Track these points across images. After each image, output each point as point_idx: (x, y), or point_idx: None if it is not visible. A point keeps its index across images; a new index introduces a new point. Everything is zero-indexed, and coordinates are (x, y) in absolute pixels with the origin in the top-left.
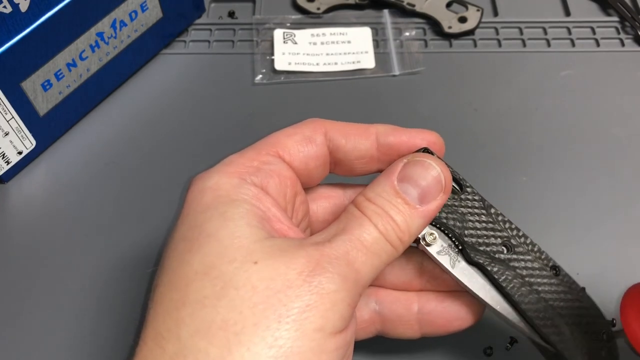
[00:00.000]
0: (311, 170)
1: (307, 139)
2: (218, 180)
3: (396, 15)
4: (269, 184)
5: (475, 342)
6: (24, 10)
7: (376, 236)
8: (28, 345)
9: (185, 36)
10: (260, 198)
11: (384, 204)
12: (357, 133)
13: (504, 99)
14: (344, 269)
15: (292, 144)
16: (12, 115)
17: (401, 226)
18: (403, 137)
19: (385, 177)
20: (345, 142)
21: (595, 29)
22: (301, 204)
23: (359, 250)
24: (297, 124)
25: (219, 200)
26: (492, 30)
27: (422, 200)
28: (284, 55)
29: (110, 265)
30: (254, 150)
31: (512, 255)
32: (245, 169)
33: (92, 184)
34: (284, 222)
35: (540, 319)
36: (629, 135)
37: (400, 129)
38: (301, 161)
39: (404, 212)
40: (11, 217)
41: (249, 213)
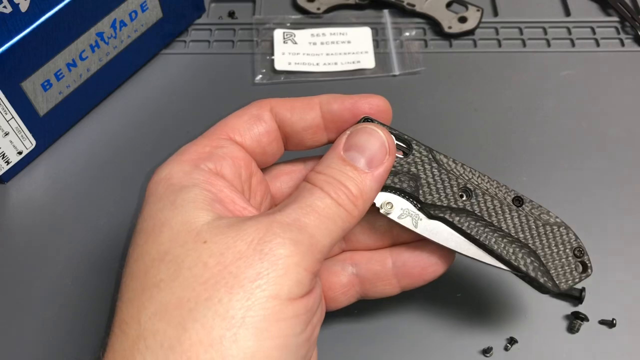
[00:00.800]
0: (265, 147)
1: (255, 118)
2: (171, 169)
3: (396, 15)
4: (222, 167)
5: (475, 342)
6: (24, 10)
7: (328, 202)
8: (28, 344)
9: (185, 36)
10: (212, 181)
11: (334, 173)
12: (302, 105)
13: (504, 99)
14: (296, 233)
15: (241, 125)
16: (12, 115)
17: (353, 191)
18: (346, 103)
19: (332, 150)
20: (291, 115)
21: (595, 29)
22: (259, 184)
23: (310, 215)
24: (245, 107)
25: (171, 189)
26: (492, 30)
27: (370, 164)
28: (284, 55)
29: (110, 265)
30: (205, 137)
31: (472, 199)
32: (197, 155)
33: (91, 184)
34: (239, 202)
35: (508, 254)
36: (629, 135)
37: (344, 96)
38: (253, 139)
39: (355, 178)
40: (11, 217)
41: (198, 197)
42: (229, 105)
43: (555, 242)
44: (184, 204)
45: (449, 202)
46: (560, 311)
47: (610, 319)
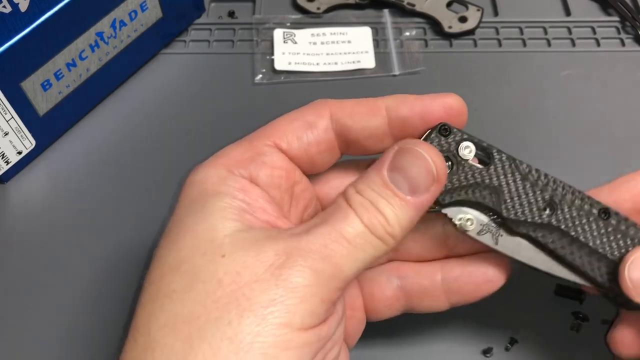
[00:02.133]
0: (313, 156)
1: (309, 125)
2: (207, 173)
3: (396, 15)
4: (259, 176)
5: (475, 342)
6: (23, 10)
7: (360, 230)
8: (28, 344)
9: (185, 36)
10: (246, 190)
11: (372, 195)
12: (365, 111)
13: (504, 99)
14: (318, 262)
15: (291, 132)
16: (12, 115)
17: (390, 220)
18: (416, 108)
19: (374, 168)
20: (353, 122)
21: (596, 29)
22: (302, 192)
23: (339, 243)
24: (302, 108)
25: (203, 193)
26: (492, 30)
27: (413, 191)
28: (284, 55)
29: (110, 265)
30: (251, 140)
31: (557, 213)
32: (235, 161)
33: (91, 184)
34: (272, 212)
35: (594, 271)
36: (629, 135)
37: (412, 98)
38: (300, 148)
39: (394, 205)
40: (11, 217)
41: (229, 205)
42: (229, 105)
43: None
44: (213, 211)
45: (533, 217)
46: (561, 311)
47: (611, 319)
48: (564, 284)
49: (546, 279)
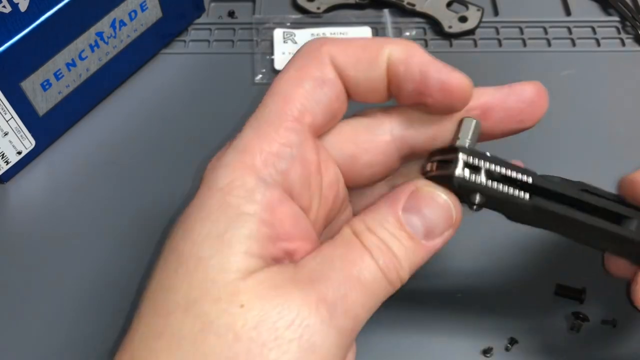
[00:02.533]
0: (335, 112)
1: (320, 82)
2: (232, 178)
3: (396, 14)
4: (290, 180)
5: (475, 342)
6: (23, 10)
7: (377, 275)
8: (27, 344)
9: (185, 36)
10: (273, 208)
11: (387, 237)
12: (368, 57)
13: None
14: (341, 320)
15: (306, 97)
16: (12, 115)
17: (403, 264)
18: (416, 74)
19: (388, 204)
20: (355, 71)
21: (596, 29)
22: (330, 187)
23: (357, 291)
24: (298, 58)
25: (224, 210)
26: (492, 29)
27: (428, 235)
28: (284, 55)
29: (110, 265)
30: (269, 124)
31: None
32: (263, 160)
33: (91, 184)
34: (296, 240)
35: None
36: (629, 135)
37: (417, 58)
38: (326, 114)
39: (408, 249)
40: (10, 217)
41: (252, 235)
42: (229, 105)
43: None
44: (232, 244)
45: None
46: (561, 311)
47: (611, 319)
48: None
49: (547, 279)
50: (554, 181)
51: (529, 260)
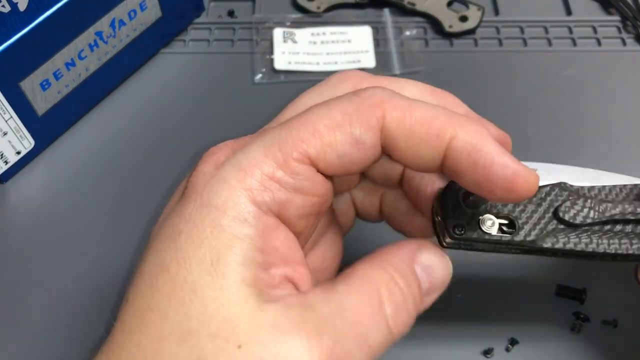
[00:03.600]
0: (351, 173)
1: (354, 141)
2: (227, 199)
3: (397, 14)
4: (287, 209)
5: (475, 342)
6: (22, 9)
7: (385, 335)
8: (26, 344)
9: (184, 35)
10: (268, 234)
11: (404, 286)
12: (425, 137)
13: (504, 98)
14: None
15: (330, 147)
16: (11, 115)
17: (411, 317)
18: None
19: (406, 253)
20: (405, 145)
21: (597, 28)
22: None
23: (363, 352)
24: (350, 104)
25: (217, 234)
26: (493, 29)
27: (427, 293)
28: (284, 54)
29: (109, 265)
30: (281, 149)
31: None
32: (262, 185)
33: (90, 184)
34: (291, 264)
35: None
36: (630, 134)
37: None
38: (339, 167)
39: (417, 301)
40: (10, 217)
41: (246, 262)
42: (229, 104)
43: None
44: (227, 271)
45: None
46: (561, 312)
47: (612, 319)
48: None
49: (547, 279)
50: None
51: (530, 261)
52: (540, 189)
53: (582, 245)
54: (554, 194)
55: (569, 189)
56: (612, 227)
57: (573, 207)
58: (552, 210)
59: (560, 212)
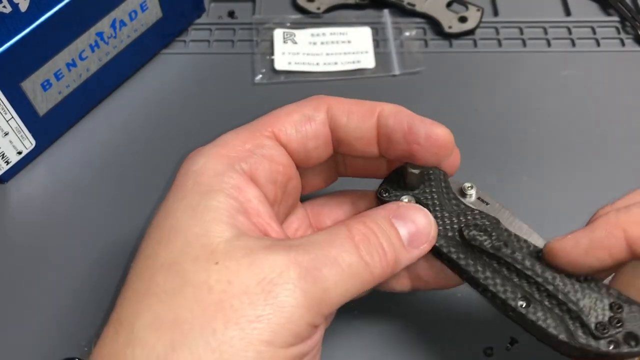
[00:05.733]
0: (310, 150)
1: (307, 118)
2: (204, 163)
3: (396, 15)
4: (257, 171)
5: (476, 342)
6: (23, 10)
7: (355, 260)
8: (27, 344)
9: (185, 36)
10: (241, 188)
11: (377, 229)
12: (361, 111)
13: (504, 99)
14: (310, 285)
15: (289, 124)
16: (12, 115)
17: (389, 257)
18: (403, 122)
19: (381, 209)
20: (347, 120)
21: (596, 29)
22: (294, 189)
23: (333, 268)
24: (299, 102)
25: (197, 189)
26: (492, 30)
27: (411, 242)
28: (284, 55)
29: (110, 265)
30: (249, 130)
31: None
32: (235, 152)
33: (91, 184)
34: (264, 216)
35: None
36: (629, 135)
37: (405, 113)
38: (299, 142)
39: (395, 245)
40: (11, 217)
41: (223, 207)
42: (229, 105)
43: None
44: (205, 212)
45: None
46: None
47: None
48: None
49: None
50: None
51: None
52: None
53: (462, 261)
54: (472, 217)
55: (491, 222)
56: (498, 265)
57: (476, 233)
58: (461, 223)
59: (465, 232)
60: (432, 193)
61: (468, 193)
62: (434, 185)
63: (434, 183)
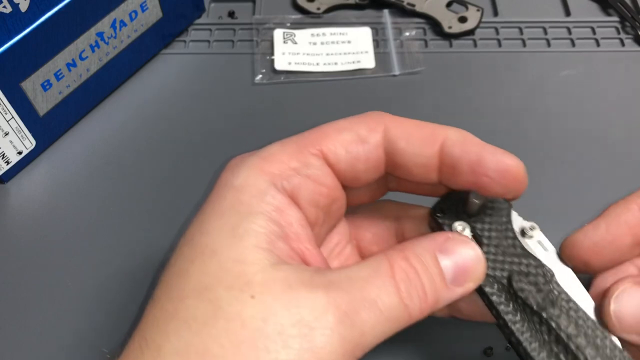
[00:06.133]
0: (359, 172)
1: (359, 139)
2: (247, 178)
3: (396, 15)
4: (300, 192)
5: (476, 342)
6: (23, 10)
7: (396, 302)
8: (28, 345)
9: (185, 36)
10: (282, 210)
11: (420, 268)
12: (422, 137)
13: (504, 99)
14: (349, 330)
15: (340, 143)
16: (12, 115)
17: (429, 297)
18: (471, 153)
19: (427, 241)
20: (406, 145)
21: (596, 29)
22: (338, 209)
23: (372, 312)
24: (356, 118)
25: (238, 208)
26: (492, 30)
27: (455, 280)
28: (284, 55)
29: (110, 265)
30: (296, 145)
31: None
32: (279, 169)
33: (91, 184)
34: (303, 241)
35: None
36: (629, 135)
37: (473, 142)
38: (348, 163)
39: (437, 285)
40: (11, 217)
41: (263, 232)
42: (229, 105)
43: None
44: (245, 236)
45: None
46: None
47: None
48: None
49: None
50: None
51: None
52: (528, 256)
53: (502, 306)
54: (528, 264)
55: (545, 275)
56: (539, 323)
57: (526, 283)
58: (513, 268)
59: (514, 279)
60: (491, 225)
61: (528, 234)
62: (494, 218)
63: (494, 215)
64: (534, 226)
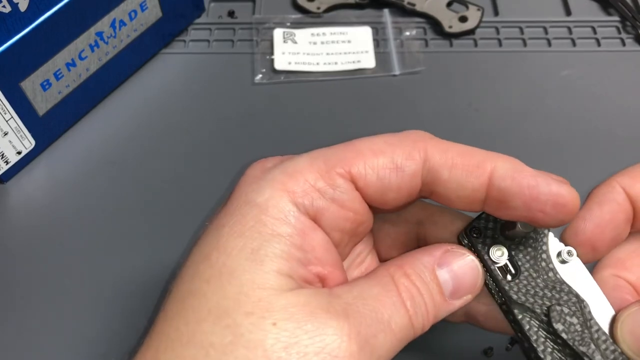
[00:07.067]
0: (388, 199)
1: (395, 166)
2: (269, 197)
3: (396, 14)
4: (324, 216)
5: (475, 342)
6: (23, 9)
7: (406, 322)
8: (28, 345)
9: (184, 36)
10: (306, 234)
11: (421, 286)
12: (467, 166)
13: (504, 99)
14: (368, 356)
15: (372, 167)
16: (12, 115)
17: (430, 314)
18: (525, 189)
19: (426, 254)
20: (449, 176)
21: (596, 29)
22: (364, 231)
23: (387, 335)
24: (394, 137)
25: (259, 228)
26: (492, 29)
27: (454, 294)
28: (284, 54)
29: (109, 266)
30: (325, 162)
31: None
32: (304, 189)
33: (91, 184)
34: (325, 264)
35: None
36: (629, 135)
37: (526, 174)
38: (378, 190)
39: (437, 301)
40: (10, 217)
41: (284, 256)
42: (229, 105)
43: None
44: (266, 260)
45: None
46: None
47: None
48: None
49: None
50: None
51: None
52: (563, 286)
53: (534, 335)
54: (566, 298)
55: (582, 310)
56: (571, 357)
57: (564, 318)
58: (552, 302)
59: (552, 312)
60: (529, 253)
61: (567, 259)
62: (533, 245)
63: (534, 242)
64: (571, 252)
